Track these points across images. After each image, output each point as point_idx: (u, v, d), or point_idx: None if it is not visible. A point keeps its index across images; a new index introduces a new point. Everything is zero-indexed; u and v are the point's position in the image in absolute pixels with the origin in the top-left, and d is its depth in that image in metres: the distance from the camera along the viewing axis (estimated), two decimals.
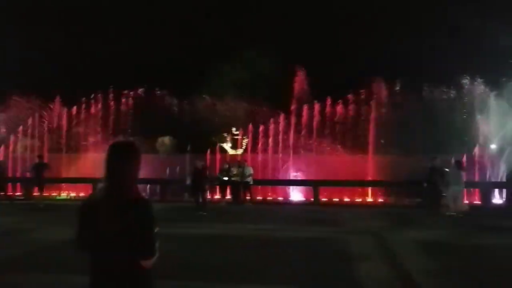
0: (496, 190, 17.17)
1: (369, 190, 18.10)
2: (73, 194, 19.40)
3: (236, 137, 29.79)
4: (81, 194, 19.07)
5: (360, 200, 17.66)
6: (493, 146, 18.88)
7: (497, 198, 17.08)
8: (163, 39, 30.99)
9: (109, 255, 2.31)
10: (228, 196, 17.50)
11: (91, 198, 2.44)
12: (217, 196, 17.67)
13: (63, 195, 19.17)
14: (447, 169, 13.63)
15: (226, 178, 17.08)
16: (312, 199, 17.88)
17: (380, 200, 17.76)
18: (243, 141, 29.91)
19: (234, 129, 29.51)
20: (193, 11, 33.68)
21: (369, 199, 17.98)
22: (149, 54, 30.59)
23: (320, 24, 31.14)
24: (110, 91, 23.35)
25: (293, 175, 19.45)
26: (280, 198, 18.53)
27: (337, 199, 17.80)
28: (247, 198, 16.96)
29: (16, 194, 18.73)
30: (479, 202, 16.39)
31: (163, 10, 34.14)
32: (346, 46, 28.75)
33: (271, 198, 18.39)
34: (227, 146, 29.68)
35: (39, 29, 29.44)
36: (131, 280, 2.32)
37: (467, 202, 13.96)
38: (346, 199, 17.75)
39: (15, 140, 22.88)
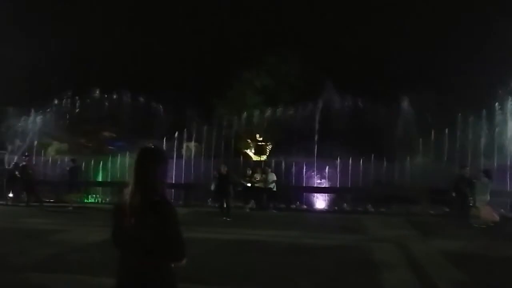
0: None
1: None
2: (100, 198, 19.82)
3: (260, 143, 29.89)
4: (108, 198, 19.49)
5: (384, 209, 17.30)
6: None
7: None
8: (189, 45, 31.47)
9: (134, 256, 2.38)
10: (252, 202, 17.51)
11: (121, 201, 2.53)
12: (241, 203, 17.69)
13: (91, 198, 19.60)
14: (475, 180, 13.26)
15: (249, 184, 17.12)
16: (336, 207, 17.75)
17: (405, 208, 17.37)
18: (267, 147, 29.97)
19: (258, 135, 29.63)
20: (216, 16, 34.09)
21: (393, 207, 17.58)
22: (174, 60, 31.09)
23: (344, 29, 30.96)
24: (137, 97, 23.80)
25: (317, 182, 19.29)
26: (304, 206, 18.40)
27: (361, 208, 17.52)
28: (270, 204, 16.94)
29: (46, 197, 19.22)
30: (510, 213, 15.83)
31: (187, 15, 34.67)
32: (372, 51, 28.48)
33: (294, 205, 18.26)
34: (250, 152, 29.80)
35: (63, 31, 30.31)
36: (155, 281, 2.38)
37: (496, 212, 13.50)
38: (371, 208, 17.45)
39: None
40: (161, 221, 2.35)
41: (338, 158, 19.50)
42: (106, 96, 23.80)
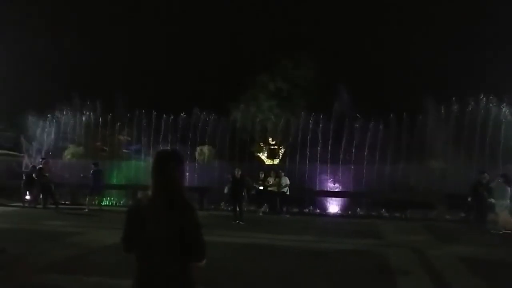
0: None
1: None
2: (115, 200, 20.03)
3: (272, 147, 29.88)
4: (123, 201, 19.68)
5: (399, 214, 17.10)
6: None
7: None
8: (204, 49, 31.70)
9: (155, 258, 2.41)
10: (265, 206, 17.51)
11: (138, 203, 2.57)
12: (254, 206, 17.69)
13: (106, 200, 19.81)
14: (491, 185, 13.05)
15: (261, 188, 17.13)
16: (350, 211, 17.64)
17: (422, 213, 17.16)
18: (279, 151, 29.94)
19: (270, 138, 29.63)
20: (231, 20, 34.23)
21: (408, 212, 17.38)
22: (187, 66, 31.35)
23: (357, 36, 30.84)
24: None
25: (330, 186, 19.20)
26: (318, 211, 18.31)
27: (375, 213, 17.37)
28: (284, 208, 16.92)
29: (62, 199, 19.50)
30: None
31: (200, 18, 34.90)
32: (386, 57, 28.29)
33: (307, 209, 18.18)
34: (263, 155, 29.79)
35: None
36: (179, 281, 2.43)
37: None
38: (385, 213, 17.27)
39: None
40: (184, 221, 2.40)
41: (352, 163, 19.42)
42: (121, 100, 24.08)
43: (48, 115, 23.56)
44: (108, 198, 19.79)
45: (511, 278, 7.27)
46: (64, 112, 23.77)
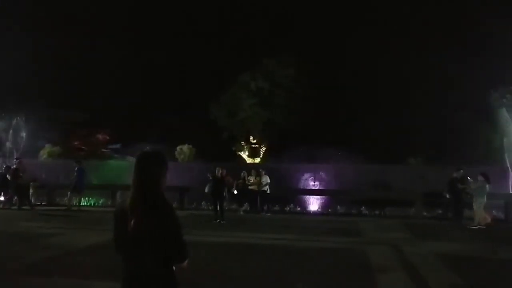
0: None
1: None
2: (93, 201, 19.67)
3: (253, 145, 29.90)
4: (101, 201, 19.36)
5: (379, 212, 17.34)
6: None
7: None
8: (184, 48, 31.46)
9: (137, 259, 2.39)
10: (246, 205, 17.50)
11: (124, 203, 2.54)
12: (235, 205, 17.65)
13: (84, 201, 19.45)
14: (470, 179, 13.37)
15: (235, 192, 17.02)
16: (330, 210, 17.79)
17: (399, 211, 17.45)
18: (261, 149, 29.98)
19: (251, 137, 29.64)
20: (212, 19, 34.10)
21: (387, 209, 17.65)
22: (169, 63, 31.06)
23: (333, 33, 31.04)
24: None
25: (311, 184, 19.33)
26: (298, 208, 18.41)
27: (355, 211, 17.56)
28: (264, 207, 16.94)
29: (39, 200, 19.05)
30: (503, 215, 15.95)
31: (182, 17, 34.62)
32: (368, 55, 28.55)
33: (288, 208, 18.26)
34: (244, 154, 29.78)
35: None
36: (160, 283, 2.40)
37: (490, 214, 13.63)
38: (364, 211, 17.48)
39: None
40: (163, 221, 2.37)
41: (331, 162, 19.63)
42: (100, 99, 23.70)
43: (21, 115, 22.94)
44: (87, 198, 19.43)
45: (487, 273, 7.44)
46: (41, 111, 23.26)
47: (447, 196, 14.29)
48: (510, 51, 18.54)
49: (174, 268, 2.47)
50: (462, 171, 13.97)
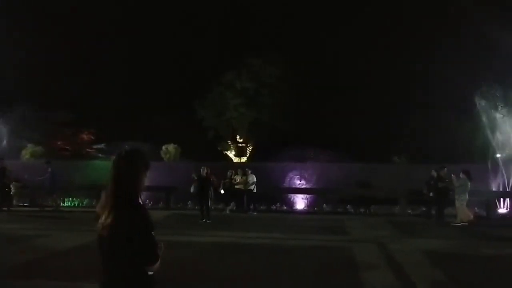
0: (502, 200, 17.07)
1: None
2: (77, 201, 19.40)
3: (240, 144, 29.85)
4: (85, 202, 19.09)
5: (364, 210, 17.50)
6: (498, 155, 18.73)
7: (502, 208, 16.98)
8: (168, 48, 31.22)
9: (111, 261, 2.34)
10: (232, 204, 17.47)
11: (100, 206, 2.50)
12: (221, 205, 17.60)
13: (68, 201, 19.18)
14: (453, 176, 13.58)
15: (222, 192, 16.96)
16: (316, 208, 17.89)
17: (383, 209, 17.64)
18: (247, 149, 29.96)
19: (238, 136, 29.59)
20: (197, 18, 33.86)
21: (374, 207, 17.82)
22: (154, 62, 30.80)
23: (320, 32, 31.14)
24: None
25: (297, 183, 19.37)
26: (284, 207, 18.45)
27: (341, 209, 17.69)
28: (251, 206, 16.94)
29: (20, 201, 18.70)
30: (485, 212, 16.25)
31: (167, 18, 34.35)
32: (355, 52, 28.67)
33: (274, 207, 18.29)
34: (231, 153, 29.73)
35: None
36: (132, 285, 2.34)
37: (472, 212, 13.86)
38: (350, 209, 17.63)
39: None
40: (133, 222, 2.31)
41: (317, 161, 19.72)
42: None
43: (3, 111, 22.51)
44: (70, 199, 19.16)
45: (470, 270, 7.57)
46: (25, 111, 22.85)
47: (430, 194, 14.51)
48: (493, 50, 18.85)
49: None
50: (446, 169, 14.18)
